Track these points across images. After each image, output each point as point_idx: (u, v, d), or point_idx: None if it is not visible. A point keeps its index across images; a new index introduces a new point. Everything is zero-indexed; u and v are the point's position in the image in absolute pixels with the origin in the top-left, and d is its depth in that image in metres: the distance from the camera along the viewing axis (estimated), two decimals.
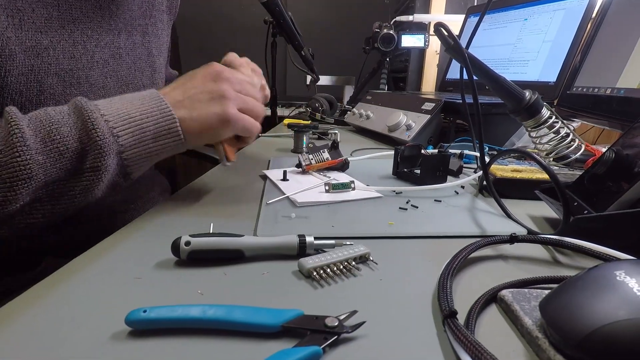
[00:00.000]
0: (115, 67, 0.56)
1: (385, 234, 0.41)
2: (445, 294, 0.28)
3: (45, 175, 0.37)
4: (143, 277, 0.32)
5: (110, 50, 0.55)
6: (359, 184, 0.56)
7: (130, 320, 0.25)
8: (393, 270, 0.34)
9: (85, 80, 0.51)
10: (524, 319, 0.26)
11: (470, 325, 0.25)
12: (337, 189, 0.53)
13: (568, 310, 0.22)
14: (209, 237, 0.34)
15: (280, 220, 0.43)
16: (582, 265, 0.36)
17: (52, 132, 0.38)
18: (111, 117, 0.41)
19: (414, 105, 0.92)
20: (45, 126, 0.38)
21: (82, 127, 0.39)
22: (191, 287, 0.31)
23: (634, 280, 0.22)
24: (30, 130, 0.37)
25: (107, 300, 0.29)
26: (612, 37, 0.80)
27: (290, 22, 1.04)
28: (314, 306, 0.29)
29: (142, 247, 0.37)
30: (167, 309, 0.26)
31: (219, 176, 0.64)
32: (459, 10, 1.54)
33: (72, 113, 0.40)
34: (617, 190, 0.39)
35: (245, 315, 0.26)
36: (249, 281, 0.32)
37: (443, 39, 0.51)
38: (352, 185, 0.54)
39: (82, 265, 0.34)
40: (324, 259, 0.33)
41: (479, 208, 0.50)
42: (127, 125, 0.41)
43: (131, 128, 0.41)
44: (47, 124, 0.38)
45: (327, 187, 0.53)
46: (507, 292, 0.29)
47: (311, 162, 0.64)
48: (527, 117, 0.57)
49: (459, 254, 0.33)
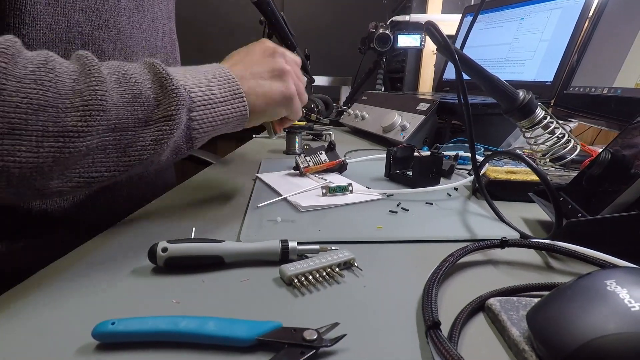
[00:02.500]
0: (139, 18, 0.56)
1: (372, 238, 0.40)
2: (430, 303, 0.27)
3: (117, 115, 0.34)
4: (117, 285, 0.31)
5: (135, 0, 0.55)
6: (357, 186, 0.55)
7: (97, 333, 0.24)
8: (378, 277, 0.33)
9: (113, 24, 0.51)
10: (511, 329, 0.25)
11: (454, 337, 0.24)
12: (334, 192, 0.52)
13: (555, 323, 0.21)
14: (187, 243, 0.33)
15: (265, 225, 0.42)
16: (575, 270, 0.35)
17: (127, 75, 0.36)
18: (180, 76, 0.40)
19: (409, 106, 0.91)
20: (119, 70, 0.36)
21: (156, 80, 0.38)
22: (167, 296, 0.30)
23: (625, 291, 0.21)
24: (105, 69, 0.36)
25: (75, 311, 0.28)
26: (609, 36, 0.79)
27: (283, 22, 1.02)
28: (293, 316, 0.28)
29: (118, 254, 0.36)
30: (137, 321, 0.25)
31: (207, 179, 0.63)
32: (455, 10, 1.53)
33: (143, 67, 0.39)
34: (614, 192, 0.38)
35: (218, 327, 0.25)
36: (228, 289, 0.31)
37: (434, 38, 0.49)
38: (350, 188, 0.53)
39: (54, 273, 0.32)
40: (306, 265, 0.32)
41: (472, 211, 0.48)
42: (196, 85, 0.40)
43: (201, 88, 0.40)
44: (120, 69, 0.37)
45: (324, 190, 0.52)
46: (494, 300, 0.28)
47: (309, 164, 0.63)
48: (521, 118, 0.56)
49: (447, 260, 0.32)
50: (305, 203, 0.48)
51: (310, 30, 2.46)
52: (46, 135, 0.31)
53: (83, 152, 0.33)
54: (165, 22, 0.65)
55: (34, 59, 0.31)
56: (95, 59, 0.35)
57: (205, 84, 0.41)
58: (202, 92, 0.40)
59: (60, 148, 0.31)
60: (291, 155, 0.82)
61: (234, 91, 0.43)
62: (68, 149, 0.32)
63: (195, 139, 0.41)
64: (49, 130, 0.31)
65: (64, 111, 0.31)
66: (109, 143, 0.35)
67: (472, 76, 0.53)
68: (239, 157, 0.81)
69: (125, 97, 0.35)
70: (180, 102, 0.37)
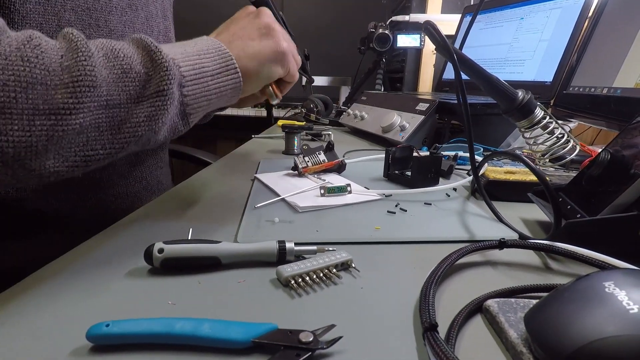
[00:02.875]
0: (132, 17, 0.55)
1: (370, 239, 0.39)
2: (427, 304, 0.26)
3: (107, 91, 0.33)
4: (113, 286, 0.31)
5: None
6: (355, 186, 0.55)
7: (91, 335, 0.24)
8: (375, 278, 0.33)
9: (104, 24, 0.50)
10: (508, 331, 0.24)
11: (451, 339, 0.24)
12: (332, 192, 0.52)
13: (553, 325, 0.21)
14: (184, 244, 0.33)
15: (263, 226, 0.42)
16: (574, 272, 0.35)
17: (115, 50, 0.35)
18: (169, 51, 0.39)
19: (409, 106, 0.91)
20: (107, 46, 0.35)
21: (145, 54, 0.37)
22: (163, 298, 0.29)
23: (623, 293, 0.21)
24: (93, 45, 0.34)
25: (70, 313, 0.27)
26: (609, 35, 0.79)
27: (282, 22, 1.02)
28: (290, 318, 0.27)
29: (114, 255, 0.36)
30: (132, 323, 0.25)
31: (205, 179, 0.63)
32: (455, 9, 1.53)
33: (131, 43, 0.38)
34: (613, 192, 0.38)
35: (213, 329, 0.24)
36: (224, 290, 0.31)
37: (432, 38, 0.49)
38: (348, 189, 0.52)
39: (49, 274, 0.32)
40: (303, 267, 0.32)
41: (470, 211, 0.48)
42: (186, 59, 0.39)
43: (190, 62, 0.39)
44: (108, 45, 0.36)
45: (323, 190, 0.52)
46: (492, 302, 0.28)
47: (307, 164, 0.63)
48: (521, 118, 0.56)
49: (444, 261, 0.32)
50: (304, 204, 0.48)
51: (310, 30, 2.46)
52: (37, 114, 0.30)
53: (77, 130, 0.32)
54: (160, 21, 0.64)
55: (18, 37, 0.30)
56: (81, 35, 0.34)
57: (195, 58, 0.40)
58: (192, 66, 0.39)
59: (52, 126, 0.31)
60: (290, 155, 0.82)
61: (226, 63, 0.41)
62: (61, 127, 0.31)
63: (190, 114, 0.40)
64: (40, 108, 0.30)
65: (53, 88, 0.31)
66: (102, 120, 0.34)
67: (470, 76, 0.52)
68: (238, 157, 0.81)
69: (115, 73, 0.34)
70: (170, 75, 0.36)
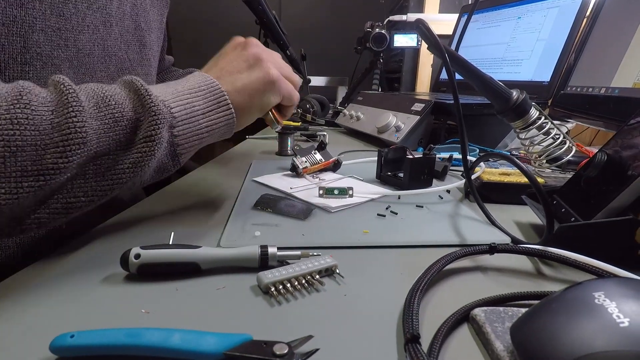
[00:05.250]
0: (104, 34, 0.53)
1: (357, 243, 0.38)
2: (411, 314, 0.25)
3: (97, 143, 0.33)
4: (86, 294, 0.30)
5: (101, 15, 0.52)
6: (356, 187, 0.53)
7: (55, 346, 0.23)
8: (360, 285, 0.31)
9: (73, 43, 0.48)
10: (495, 343, 0.23)
11: (434, 351, 0.23)
12: (330, 194, 0.51)
13: (539, 338, 0.20)
14: (162, 249, 0.32)
15: (248, 230, 0.41)
16: (568, 278, 0.34)
17: (107, 98, 0.35)
18: (159, 92, 0.38)
19: (404, 106, 0.90)
20: (98, 93, 0.35)
21: (136, 98, 0.36)
22: (137, 306, 0.28)
23: (613, 304, 0.19)
24: (83, 95, 0.34)
25: (38, 323, 0.26)
26: (607, 35, 0.77)
27: (275, 21, 1.01)
28: (267, 328, 0.26)
29: (91, 260, 0.35)
30: (98, 334, 0.23)
31: (193, 181, 0.62)
32: (452, 9, 1.52)
33: (122, 86, 0.37)
34: (608, 195, 0.36)
35: (184, 340, 0.23)
36: (202, 298, 0.29)
37: (424, 36, 0.48)
38: (350, 192, 0.51)
39: (20, 282, 0.31)
40: (285, 273, 0.31)
41: (463, 214, 0.47)
42: (177, 99, 0.39)
43: (182, 101, 0.39)
44: (99, 92, 0.35)
45: (322, 191, 0.51)
46: (479, 310, 0.26)
47: (306, 165, 0.62)
48: (515, 118, 0.54)
49: (432, 267, 0.31)
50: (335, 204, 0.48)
51: (307, 30, 2.45)
52: (25, 175, 0.30)
53: (62, 183, 0.32)
54: (140, 34, 0.62)
55: (7, 96, 0.30)
56: (72, 85, 0.34)
57: (186, 97, 0.40)
58: (183, 106, 0.39)
59: (40, 186, 0.31)
60: (283, 156, 0.81)
61: (218, 100, 0.41)
62: (49, 186, 0.31)
63: (181, 154, 0.40)
64: (28, 169, 0.30)
65: (43, 148, 0.31)
66: (89, 169, 0.34)
67: (464, 75, 0.51)
68: (230, 158, 0.79)
69: (106, 124, 0.34)
70: (160, 120, 0.36)
